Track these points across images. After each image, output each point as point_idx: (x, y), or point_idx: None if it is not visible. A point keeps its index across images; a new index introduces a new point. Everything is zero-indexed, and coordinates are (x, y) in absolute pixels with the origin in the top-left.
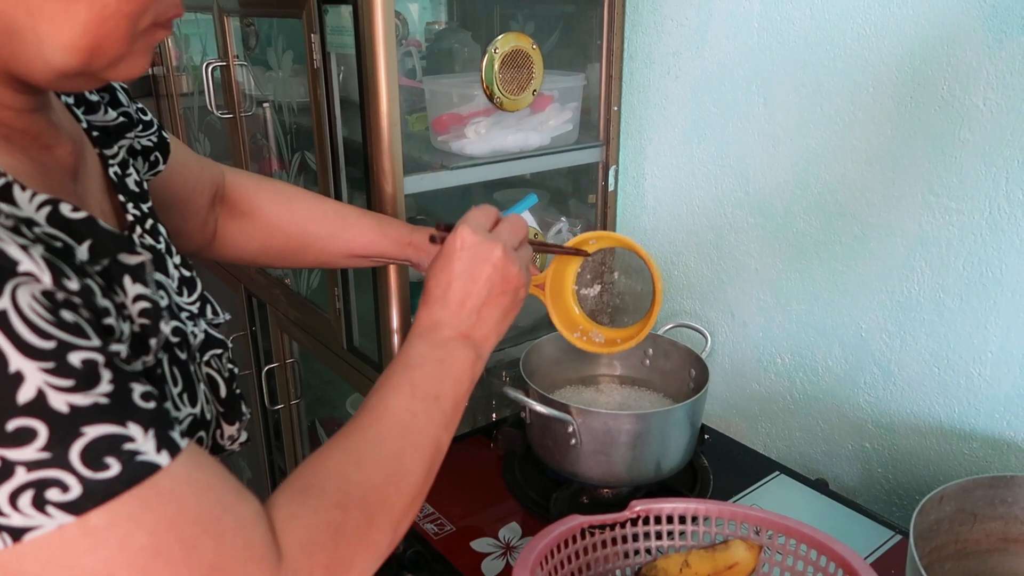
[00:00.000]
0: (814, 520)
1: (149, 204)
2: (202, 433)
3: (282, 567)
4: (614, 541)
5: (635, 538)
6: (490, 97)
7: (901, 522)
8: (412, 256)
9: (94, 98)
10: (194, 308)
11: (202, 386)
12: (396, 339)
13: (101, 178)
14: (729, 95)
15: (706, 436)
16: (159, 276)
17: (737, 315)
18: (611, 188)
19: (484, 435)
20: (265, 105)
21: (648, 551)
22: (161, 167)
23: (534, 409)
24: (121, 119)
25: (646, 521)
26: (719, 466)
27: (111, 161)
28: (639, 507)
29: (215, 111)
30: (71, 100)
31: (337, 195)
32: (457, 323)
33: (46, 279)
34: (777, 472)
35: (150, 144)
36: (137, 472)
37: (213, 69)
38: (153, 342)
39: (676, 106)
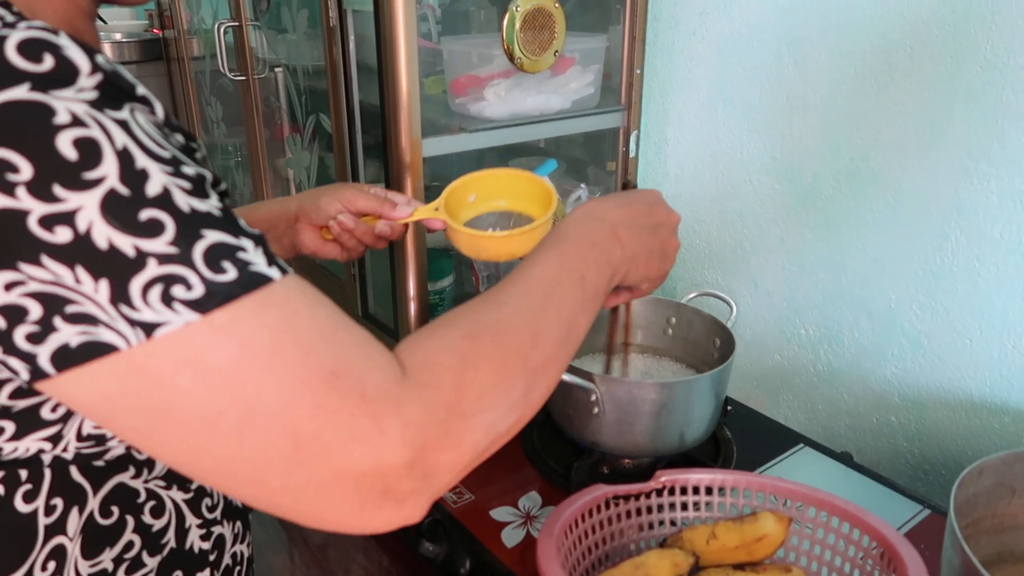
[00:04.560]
0: (840, 493)
1: None
2: None
3: (407, 379)
4: (638, 512)
5: (660, 509)
6: (511, 58)
7: (926, 496)
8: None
9: None
10: None
11: None
12: (412, 306)
13: None
14: (757, 56)
15: (729, 408)
16: None
17: (761, 285)
18: (632, 154)
19: None
20: (278, 69)
21: (673, 522)
22: None
23: None
24: None
25: (671, 491)
26: (742, 438)
27: None
28: (664, 477)
29: (227, 73)
30: None
31: (353, 159)
32: (621, 225)
33: (159, 111)
34: (801, 445)
35: None
36: (252, 280)
37: (225, 30)
38: None
39: (701, 68)
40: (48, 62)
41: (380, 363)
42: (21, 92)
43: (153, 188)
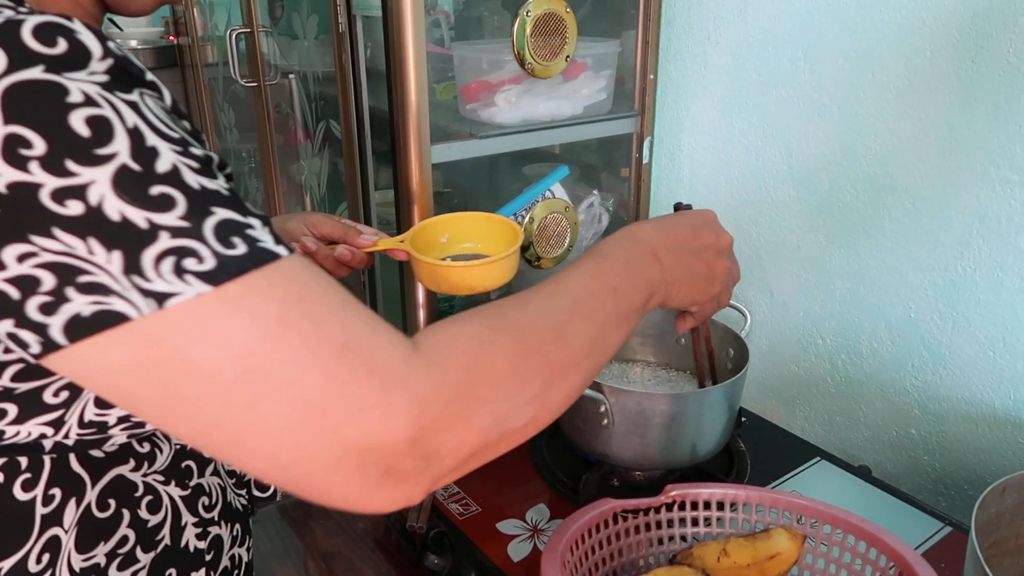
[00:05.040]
0: (857, 509)
1: None
2: None
3: (418, 356)
4: (648, 527)
5: (670, 524)
6: (521, 63)
7: (947, 512)
8: None
9: None
10: None
11: None
12: (422, 313)
13: None
14: (772, 61)
15: (743, 419)
16: None
17: (776, 294)
18: (645, 160)
19: None
20: (291, 76)
21: (683, 538)
22: None
23: None
24: None
25: (682, 507)
26: (757, 451)
27: None
28: (675, 492)
29: (239, 79)
30: None
31: (363, 165)
32: (659, 245)
33: (167, 97)
34: (818, 458)
35: None
36: (262, 255)
37: (237, 37)
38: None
39: (716, 74)
40: (62, 46)
41: (389, 339)
42: (35, 73)
43: (163, 165)
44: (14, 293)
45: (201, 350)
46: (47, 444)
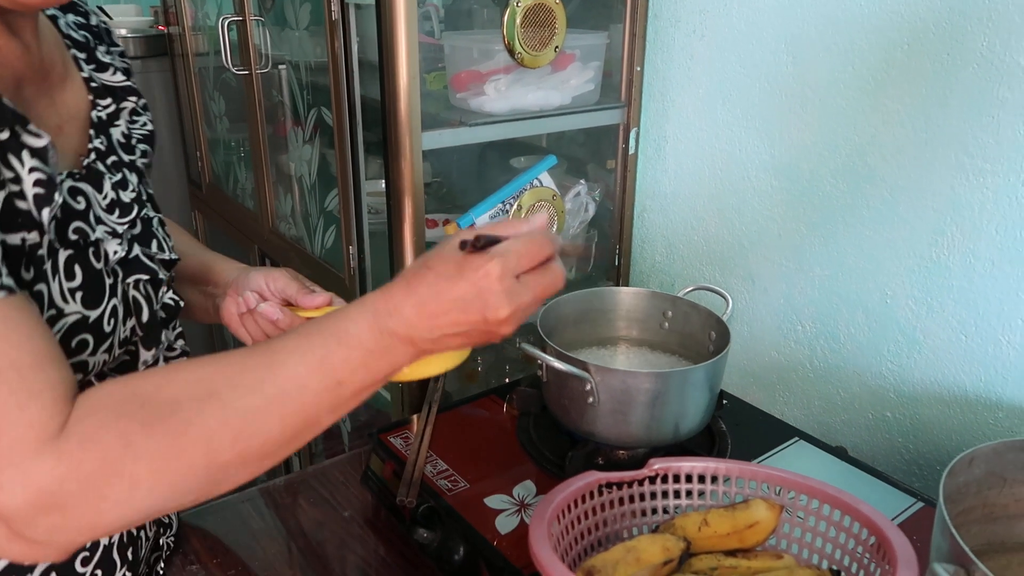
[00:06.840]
0: (834, 485)
1: (131, 158)
2: (87, 336)
3: (57, 443)
4: (631, 499)
5: (653, 496)
6: (511, 53)
7: (921, 491)
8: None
9: (105, 59)
10: (120, 227)
11: (115, 301)
12: None
13: (84, 112)
14: (756, 54)
15: (724, 401)
16: (84, 186)
17: (758, 281)
18: (632, 151)
19: (498, 396)
20: (281, 67)
21: (666, 510)
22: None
23: (551, 366)
24: (129, 83)
25: (664, 479)
26: (737, 431)
27: (99, 103)
28: (658, 465)
29: (231, 67)
30: (83, 56)
31: (354, 154)
32: (416, 332)
33: None
34: (796, 438)
35: (146, 133)
36: None
37: (229, 25)
38: (46, 211)
39: (701, 66)
40: None
41: (32, 418)
42: None
43: None
44: None
45: None
46: None
